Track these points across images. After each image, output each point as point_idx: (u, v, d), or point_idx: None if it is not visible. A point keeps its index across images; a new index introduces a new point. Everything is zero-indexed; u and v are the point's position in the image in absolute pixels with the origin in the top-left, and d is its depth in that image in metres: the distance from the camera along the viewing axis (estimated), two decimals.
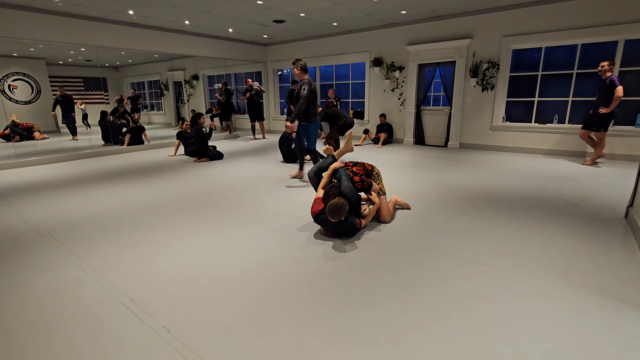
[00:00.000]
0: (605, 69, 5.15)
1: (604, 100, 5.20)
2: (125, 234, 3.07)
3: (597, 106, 5.28)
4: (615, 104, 5.09)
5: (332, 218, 2.67)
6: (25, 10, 5.95)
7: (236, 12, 6.66)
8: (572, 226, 3.07)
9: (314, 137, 4.73)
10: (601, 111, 5.19)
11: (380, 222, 3.25)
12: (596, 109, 5.29)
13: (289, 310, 1.93)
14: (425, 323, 1.80)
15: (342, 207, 2.65)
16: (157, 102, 11.94)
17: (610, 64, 5.14)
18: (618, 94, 5.02)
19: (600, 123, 5.29)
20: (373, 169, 3.36)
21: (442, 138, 7.86)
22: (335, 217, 2.66)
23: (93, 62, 9.65)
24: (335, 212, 2.65)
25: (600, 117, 5.26)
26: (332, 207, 2.64)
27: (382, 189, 3.30)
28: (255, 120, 9.28)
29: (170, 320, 1.85)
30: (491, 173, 5.12)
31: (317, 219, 2.87)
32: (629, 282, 2.15)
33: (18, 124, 8.80)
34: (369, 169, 3.31)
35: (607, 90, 5.14)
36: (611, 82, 5.09)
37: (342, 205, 2.66)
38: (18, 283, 2.27)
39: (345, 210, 2.67)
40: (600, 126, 5.31)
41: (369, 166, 3.33)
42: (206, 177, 5.20)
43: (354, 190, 2.92)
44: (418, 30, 7.53)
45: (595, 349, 1.59)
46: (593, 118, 5.36)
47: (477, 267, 2.37)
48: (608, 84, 5.12)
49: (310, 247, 2.73)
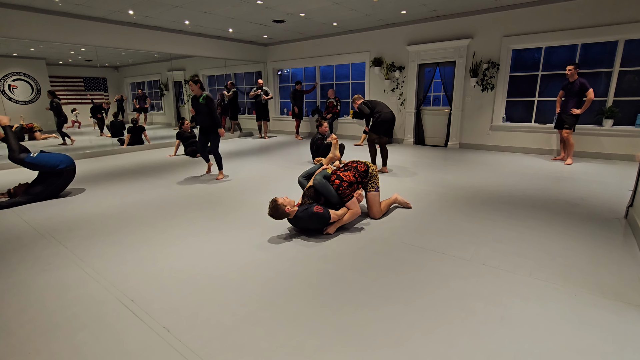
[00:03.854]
0: (572, 73, 5.41)
1: (573, 101, 5.46)
2: (125, 234, 3.07)
3: (567, 107, 5.53)
4: (587, 106, 5.37)
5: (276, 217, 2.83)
6: (25, 10, 5.95)
7: (236, 12, 6.66)
8: (572, 226, 3.07)
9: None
10: (574, 112, 5.41)
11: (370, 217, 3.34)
12: (565, 109, 5.55)
13: (289, 310, 1.93)
14: (425, 323, 1.80)
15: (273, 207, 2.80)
16: (157, 102, 11.95)
17: (575, 68, 5.42)
18: (591, 97, 5.28)
19: (572, 122, 5.52)
20: (368, 167, 3.31)
21: (442, 138, 7.86)
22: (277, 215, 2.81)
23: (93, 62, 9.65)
24: (272, 213, 2.81)
25: (572, 117, 5.49)
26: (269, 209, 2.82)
27: (375, 183, 3.32)
28: (261, 119, 9.51)
29: (170, 320, 1.85)
30: (491, 173, 5.12)
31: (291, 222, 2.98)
32: (629, 282, 2.15)
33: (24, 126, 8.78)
34: (362, 170, 3.26)
35: (577, 92, 5.40)
36: (582, 85, 5.34)
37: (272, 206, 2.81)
38: (18, 283, 2.27)
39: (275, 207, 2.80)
40: (572, 124, 5.54)
41: (362, 167, 3.28)
42: (206, 177, 5.20)
43: (325, 184, 3.01)
44: (418, 30, 7.53)
45: (595, 349, 1.59)
46: (564, 117, 5.59)
47: (477, 267, 2.37)
48: (578, 86, 5.38)
49: (310, 247, 2.73)
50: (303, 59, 9.71)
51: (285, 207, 2.79)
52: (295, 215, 2.85)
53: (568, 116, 5.53)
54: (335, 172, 3.18)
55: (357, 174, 3.21)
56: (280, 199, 2.83)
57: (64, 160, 4.19)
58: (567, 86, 5.53)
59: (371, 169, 3.32)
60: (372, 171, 3.32)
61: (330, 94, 8.75)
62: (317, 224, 2.89)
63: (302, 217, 2.84)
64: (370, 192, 3.30)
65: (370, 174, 3.30)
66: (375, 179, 3.32)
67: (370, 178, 3.30)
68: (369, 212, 3.33)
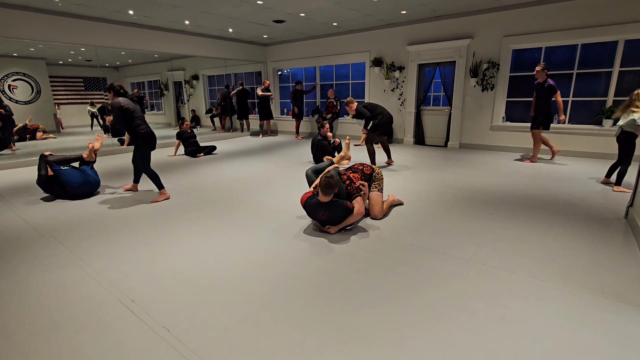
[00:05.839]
0: (539, 73, 5.46)
1: (543, 102, 5.51)
2: (125, 234, 3.07)
3: (537, 107, 5.59)
4: (561, 108, 5.45)
5: (325, 192, 2.72)
6: (25, 10, 5.94)
7: (236, 12, 6.66)
8: (572, 226, 3.07)
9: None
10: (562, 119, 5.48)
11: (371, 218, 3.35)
12: (536, 110, 5.60)
13: (289, 310, 1.93)
14: (426, 323, 1.80)
15: (334, 178, 2.73)
16: (157, 102, 11.95)
17: (543, 69, 5.48)
18: (558, 99, 5.40)
19: (547, 122, 5.58)
20: (373, 170, 3.41)
21: (442, 138, 7.86)
22: (327, 190, 2.71)
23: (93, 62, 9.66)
24: (328, 185, 2.71)
25: (545, 117, 5.55)
26: (324, 180, 2.72)
27: (379, 184, 3.37)
28: (265, 119, 9.73)
29: (170, 320, 1.85)
30: (491, 173, 5.12)
31: (307, 205, 2.93)
32: (629, 282, 2.15)
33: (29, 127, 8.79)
34: (368, 172, 3.35)
35: (546, 93, 5.44)
36: (550, 87, 5.40)
37: (333, 176, 2.74)
38: (18, 283, 2.27)
39: (336, 183, 2.74)
40: (543, 125, 5.61)
41: (367, 170, 3.36)
42: (206, 177, 5.20)
43: (339, 180, 2.99)
44: (418, 30, 7.53)
45: (595, 349, 1.59)
46: (537, 117, 5.62)
47: (477, 267, 2.37)
48: (547, 88, 5.43)
49: (310, 247, 2.73)
50: (303, 59, 9.71)
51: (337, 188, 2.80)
52: (331, 200, 2.83)
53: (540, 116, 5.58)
54: (346, 173, 3.25)
55: (363, 176, 3.30)
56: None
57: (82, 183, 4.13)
58: (537, 87, 5.57)
59: (376, 172, 3.42)
60: (377, 174, 3.41)
61: (330, 94, 8.75)
62: (342, 215, 2.92)
63: (336, 205, 2.85)
64: (373, 191, 3.34)
65: (375, 176, 3.39)
66: (379, 181, 3.39)
67: (374, 180, 3.38)
68: (370, 212, 3.34)
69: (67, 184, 4.04)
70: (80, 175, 4.12)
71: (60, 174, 4.02)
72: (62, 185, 4.06)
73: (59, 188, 4.09)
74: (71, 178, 4.06)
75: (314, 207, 2.90)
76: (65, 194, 4.10)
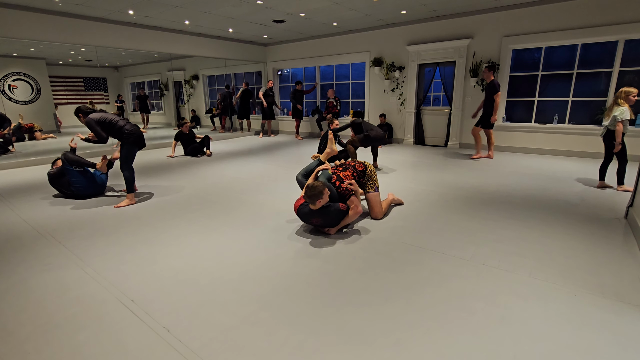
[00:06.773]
0: (486, 74, 5.81)
1: (488, 102, 5.85)
2: (125, 234, 3.07)
3: (485, 106, 5.94)
4: (497, 110, 5.78)
5: (311, 201, 2.69)
6: (25, 10, 5.95)
7: (236, 12, 6.66)
8: (572, 226, 3.07)
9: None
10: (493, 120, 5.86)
11: (372, 218, 3.33)
12: (485, 110, 5.96)
13: (289, 310, 1.93)
14: (426, 323, 1.80)
15: (317, 187, 2.68)
16: (157, 102, 11.95)
17: (489, 70, 5.76)
18: (497, 101, 5.69)
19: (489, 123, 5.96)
20: (366, 167, 3.32)
21: (442, 138, 7.86)
22: (312, 199, 2.67)
23: (93, 62, 9.66)
24: (312, 193, 2.66)
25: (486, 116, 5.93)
26: (307, 189, 2.69)
27: (374, 183, 3.32)
28: (267, 119, 9.84)
29: (170, 320, 1.85)
30: (491, 173, 5.12)
31: (300, 212, 2.89)
32: (629, 282, 2.15)
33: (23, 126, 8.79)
34: (360, 169, 3.28)
35: (489, 92, 5.79)
36: (492, 87, 5.70)
37: (317, 185, 2.69)
38: (18, 283, 2.27)
39: (320, 191, 2.68)
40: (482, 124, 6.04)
41: (360, 167, 3.29)
42: (206, 177, 5.20)
43: (329, 186, 2.96)
44: (418, 30, 7.53)
45: (595, 349, 1.59)
46: (483, 118, 6.01)
47: (477, 267, 2.37)
48: (489, 88, 5.70)
49: (310, 247, 2.73)
50: (303, 59, 9.71)
51: (323, 195, 2.71)
52: (323, 206, 2.78)
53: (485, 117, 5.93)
54: (335, 172, 3.17)
55: (355, 173, 3.23)
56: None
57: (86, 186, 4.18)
58: (487, 87, 5.90)
59: (369, 169, 3.33)
60: (370, 171, 3.32)
61: (330, 94, 8.74)
62: (336, 218, 2.89)
63: (328, 210, 2.81)
64: (370, 192, 3.30)
65: (368, 174, 3.31)
66: (373, 179, 3.32)
67: (368, 178, 3.30)
68: (370, 212, 3.33)
69: (71, 184, 4.13)
70: (85, 179, 4.18)
71: (67, 172, 4.11)
72: (67, 183, 4.15)
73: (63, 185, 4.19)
74: (76, 179, 4.13)
75: (306, 215, 2.86)
76: (67, 191, 4.17)
